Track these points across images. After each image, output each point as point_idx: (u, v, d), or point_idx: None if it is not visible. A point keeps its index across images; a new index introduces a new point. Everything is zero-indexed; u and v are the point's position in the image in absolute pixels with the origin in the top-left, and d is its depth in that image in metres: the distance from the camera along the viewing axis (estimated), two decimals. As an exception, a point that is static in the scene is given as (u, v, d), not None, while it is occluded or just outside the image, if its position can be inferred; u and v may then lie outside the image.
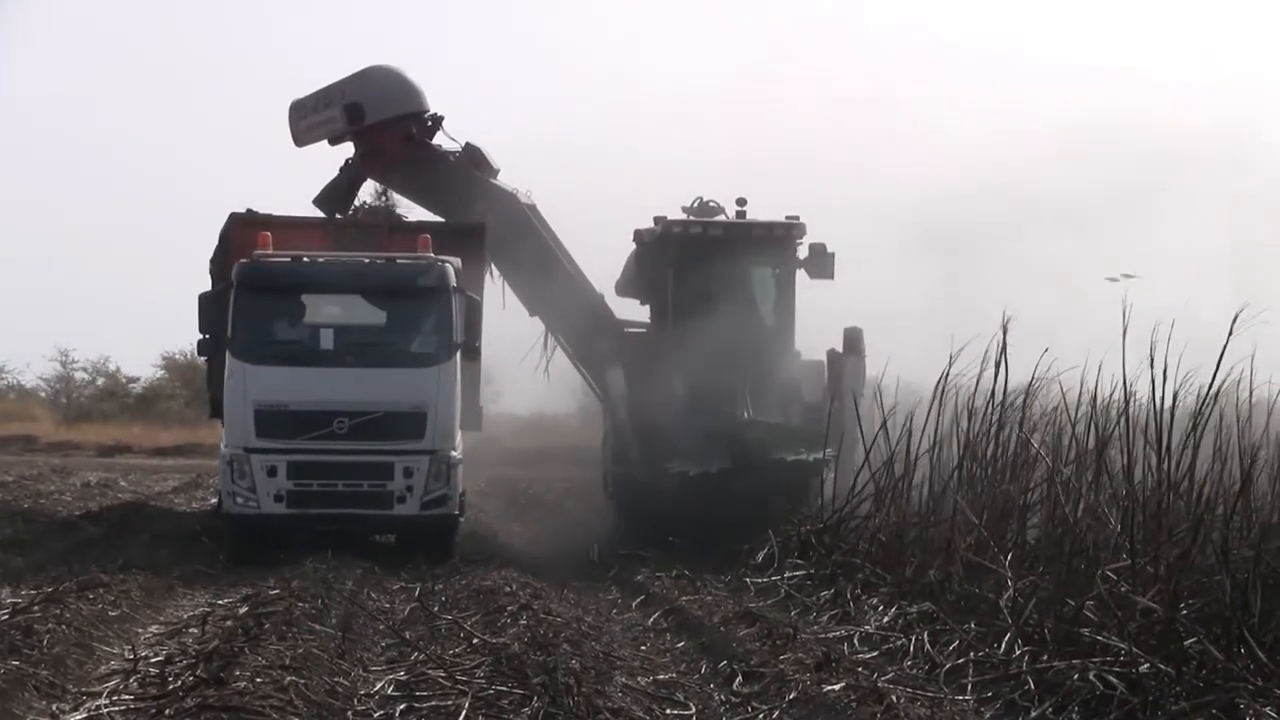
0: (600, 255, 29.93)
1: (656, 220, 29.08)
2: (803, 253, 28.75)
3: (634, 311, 29.99)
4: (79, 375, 67.83)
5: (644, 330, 29.54)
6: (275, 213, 27.37)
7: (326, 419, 24.37)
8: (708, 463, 25.60)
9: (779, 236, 28.73)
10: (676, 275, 28.67)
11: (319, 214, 29.08)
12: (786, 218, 28.80)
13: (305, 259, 25.22)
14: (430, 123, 29.57)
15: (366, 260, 25.23)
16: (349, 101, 28.99)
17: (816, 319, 28.76)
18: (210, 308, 24.78)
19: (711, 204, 29.17)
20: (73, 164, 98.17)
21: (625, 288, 30.12)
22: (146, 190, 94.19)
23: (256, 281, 24.79)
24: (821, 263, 28.48)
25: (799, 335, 28.86)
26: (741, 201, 29.04)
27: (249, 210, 27.09)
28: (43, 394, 67.51)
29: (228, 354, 24.74)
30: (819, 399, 27.29)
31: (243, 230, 26.39)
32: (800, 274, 28.76)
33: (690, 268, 28.54)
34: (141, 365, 67.24)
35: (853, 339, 27.87)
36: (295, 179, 32.51)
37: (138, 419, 61.11)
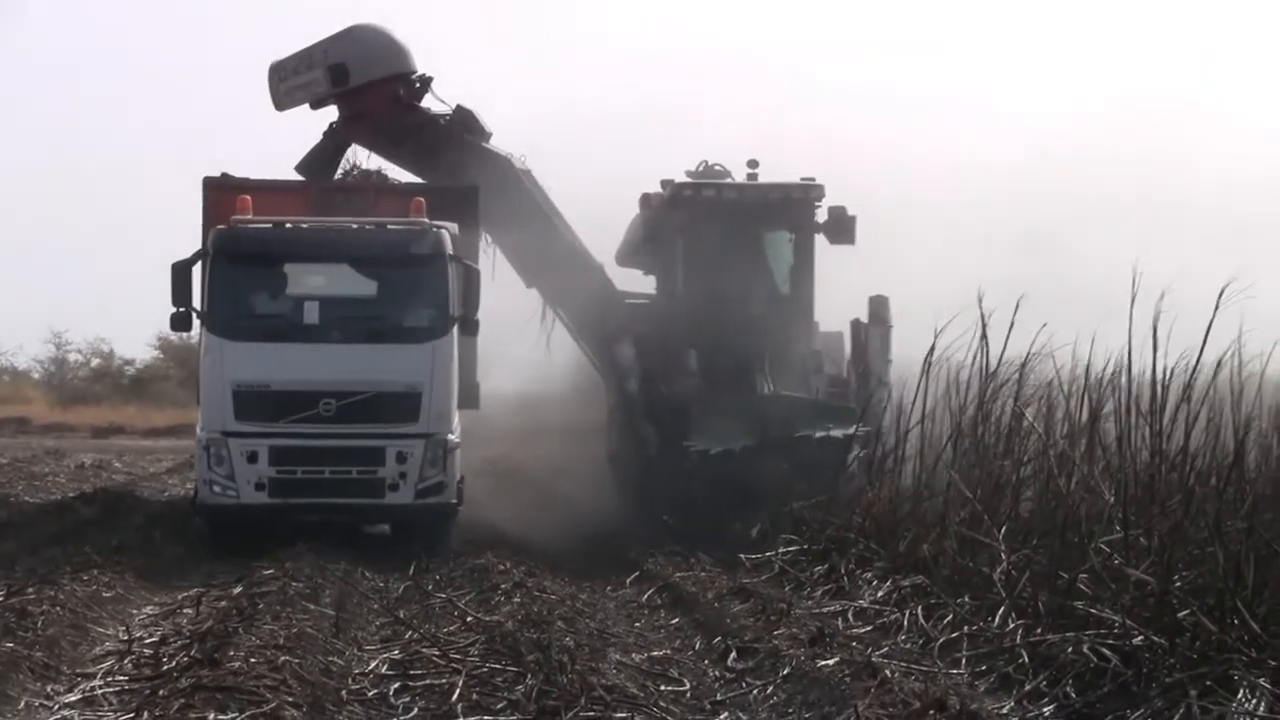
0: (596, 224, 28.76)
1: (664, 184, 27.58)
2: (822, 216, 27.08)
3: (635, 282, 28.83)
4: (73, 357, 67.92)
5: (647, 301, 28.28)
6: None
7: (312, 400, 22.58)
8: (729, 440, 24.14)
9: (797, 199, 27.01)
10: (687, 242, 27.17)
11: (300, 179, 27.60)
12: (802, 179, 27.17)
13: (288, 224, 23.59)
14: (419, 84, 28.48)
15: (355, 226, 23.69)
16: (332, 63, 27.84)
17: (837, 288, 27.35)
18: (184, 278, 22.79)
19: (718, 168, 27.58)
20: (65, 143, 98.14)
21: (627, 257, 28.96)
22: (141, 170, 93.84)
23: (235, 249, 23.01)
24: (842, 226, 26.84)
25: (818, 305, 27.35)
26: (753, 164, 27.39)
27: (224, 174, 25.60)
28: (36, 376, 67.57)
29: (203, 329, 23.12)
30: (840, 372, 26.27)
31: (218, 196, 24.70)
32: (819, 240, 27.15)
33: (702, 233, 27.02)
34: (137, 346, 67.29)
35: (878, 308, 26.22)
36: (280, 145, 31.65)
37: (132, 400, 61.22)
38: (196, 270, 22.97)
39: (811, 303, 27.27)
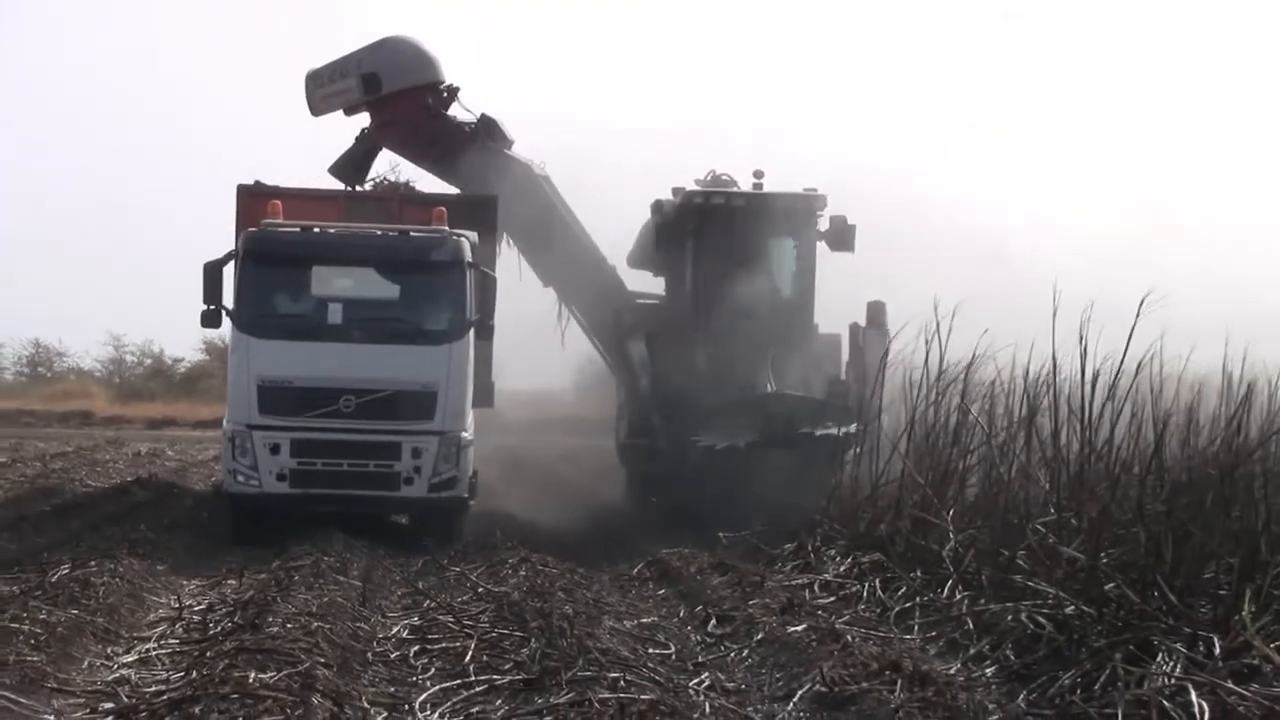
0: (608, 229, 27.55)
1: (675, 191, 25.98)
2: (823, 225, 25.71)
3: (645, 284, 27.42)
4: (129, 358, 67.88)
5: (657, 302, 26.93)
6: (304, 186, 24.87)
7: (333, 396, 21.41)
8: (735, 436, 22.67)
9: (801, 208, 25.58)
10: (696, 246, 25.60)
11: (331, 186, 26.44)
12: (805, 189, 25.74)
13: (315, 229, 22.29)
14: (446, 94, 27.34)
15: (379, 232, 22.45)
16: (366, 71, 26.66)
17: (836, 293, 25.96)
18: (215, 278, 21.65)
19: (724, 177, 26.22)
20: (125, 160, 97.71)
21: (638, 259, 27.37)
22: (193, 183, 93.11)
23: (263, 251, 21.83)
24: (842, 235, 25.48)
25: (817, 309, 26.01)
26: (759, 174, 25.77)
27: (257, 182, 24.27)
28: (98, 374, 67.53)
29: (231, 327, 21.98)
30: (837, 373, 24.98)
31: (251, 201, 23.49)
32: (821, 247, 25.78)
33: (711, 239, 25.50)
34: (184, 348, 67.07)
35: (875, 313, 24.71)
36: (313, 149, 30.32)
37: (182, 396, 61.04)
38: (228, 271, 21.95)
39: (812, 307, 25.95)
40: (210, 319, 21.95)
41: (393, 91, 26.85)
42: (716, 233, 25.55)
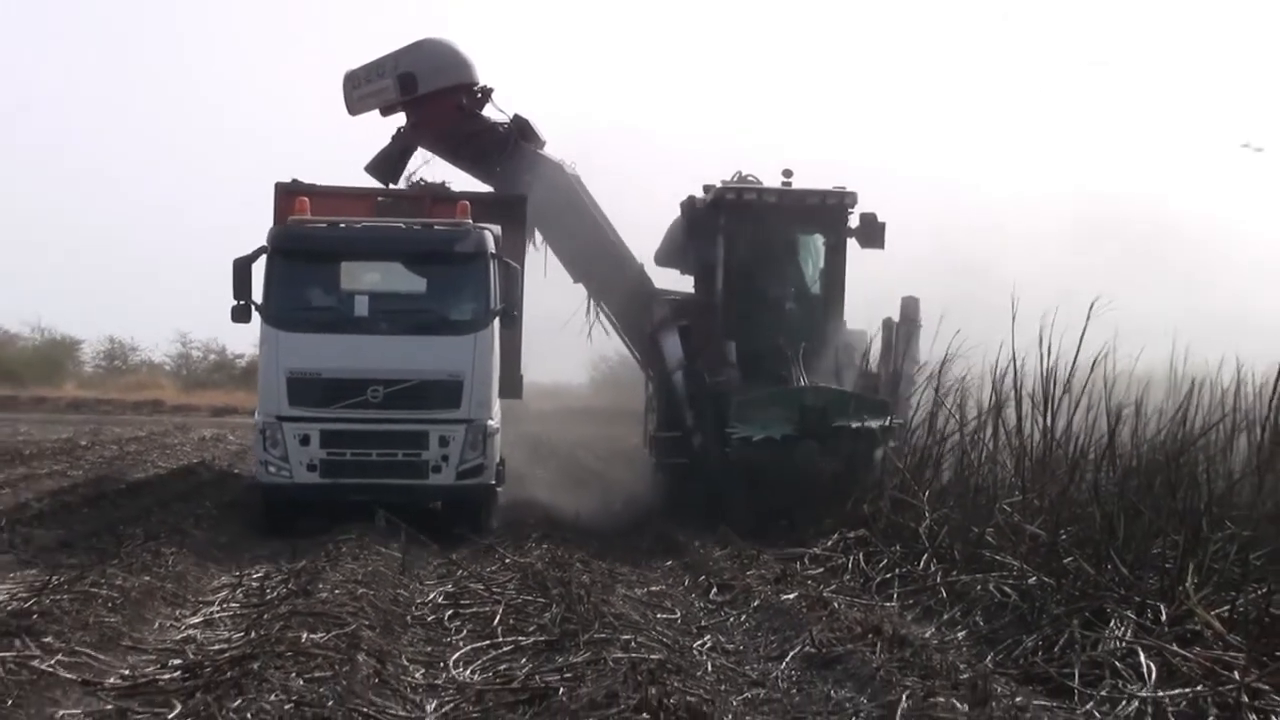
0: (634, 227, 25.71)
1: (706, 189, 23.94)
2: (853, 222, 23.52)
3: (673, 281, 25.52)
4: (195, 353, 68.03)
5: (683, 298, 24.44)
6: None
7: (360, 387, 19.85)
8: (770, 429, 20.76)
9: (831, 206, 23.40)
10: (727, 242, 23.43)
11: (365, 186, 24.71)
12: (835, 187, 23.63)
13: (342, 224, 20.77)
14: (480, 94, 25.54)
15: (403, 225, 20.84)
16: (402, 72, 24.98)
17: (864, 289, 23.98)
18: (244, 274, 20.01)
19: (751, 178, 23.96)
20: (187, 175, 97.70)
21: (666, 257, 25.42)
22: (253, 195, 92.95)
23: (291, 246, 20.31)
24: (872, 232, 23.39)
25: (847, 305, 23.98)
26: (787, 173, 23.78)
27: (294, 180, 22.78)
28: (167, 368, 67.70)
29: (261, 320, 20.32)
30: (867, 367, 22.96)
31: (287, 200, 22.04)
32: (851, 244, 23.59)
33: (742, 235, 23.48)
34: (244, 345, 67.15)
35: (909, 308, 22.53)
36: (352, 148, 28.80)
37: (242, 386, 60.98)
38: (259, 268, 20.35)
39: (842, 303, 23.73)
40: (240, 314, 20.28)
41: (428, 92, 25.19)
42: (747, 229, 23.69)
